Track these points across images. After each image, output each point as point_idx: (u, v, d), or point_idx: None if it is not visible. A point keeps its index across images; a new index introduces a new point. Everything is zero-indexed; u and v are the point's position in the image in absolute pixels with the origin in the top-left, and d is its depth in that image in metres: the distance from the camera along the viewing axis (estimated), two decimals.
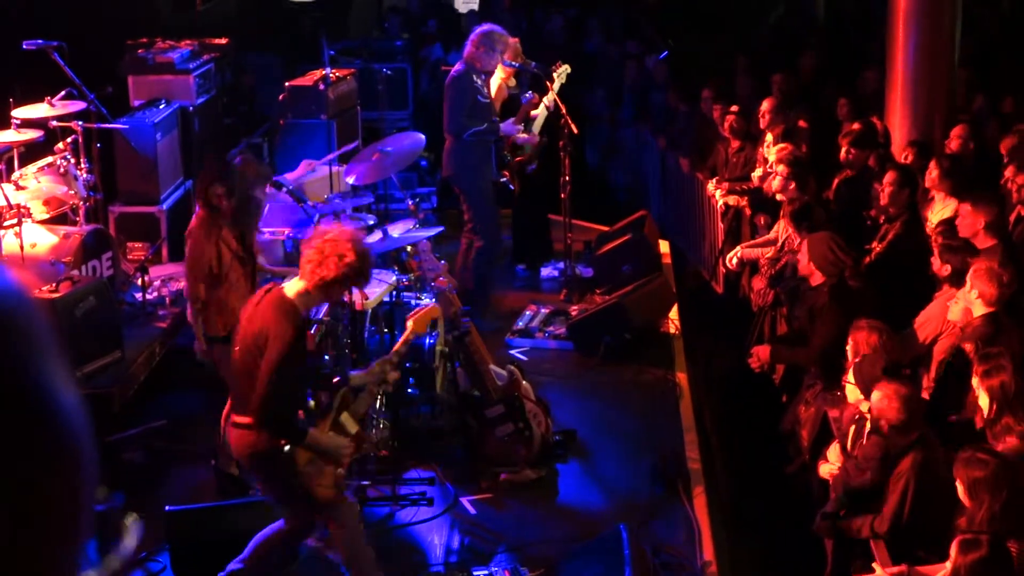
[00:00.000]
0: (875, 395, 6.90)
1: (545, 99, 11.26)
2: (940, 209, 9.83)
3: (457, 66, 10.95)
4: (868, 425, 7.17)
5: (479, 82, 10.80)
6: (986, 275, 7.84)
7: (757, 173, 11.76)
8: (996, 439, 6.87)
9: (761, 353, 9.25)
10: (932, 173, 9.97)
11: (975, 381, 7.10)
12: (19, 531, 0.98)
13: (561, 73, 11.47)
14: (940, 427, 7.35)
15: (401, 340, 7.01)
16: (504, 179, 11.35)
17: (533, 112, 11.40)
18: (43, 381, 1.04)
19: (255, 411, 6.23)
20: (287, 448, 6.30)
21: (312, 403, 6.78)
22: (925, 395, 7.82)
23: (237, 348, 6.44)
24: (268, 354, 6.18)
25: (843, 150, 11.02)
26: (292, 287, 6.33)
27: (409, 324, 7.08)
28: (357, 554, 6.66)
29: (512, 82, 11.68)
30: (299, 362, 6.36)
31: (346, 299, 7.61)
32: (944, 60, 11.72)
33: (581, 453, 8.70)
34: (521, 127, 11.25)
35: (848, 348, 7.84)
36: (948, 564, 5.95)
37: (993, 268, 7.91)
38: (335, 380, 6.79)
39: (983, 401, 7.00)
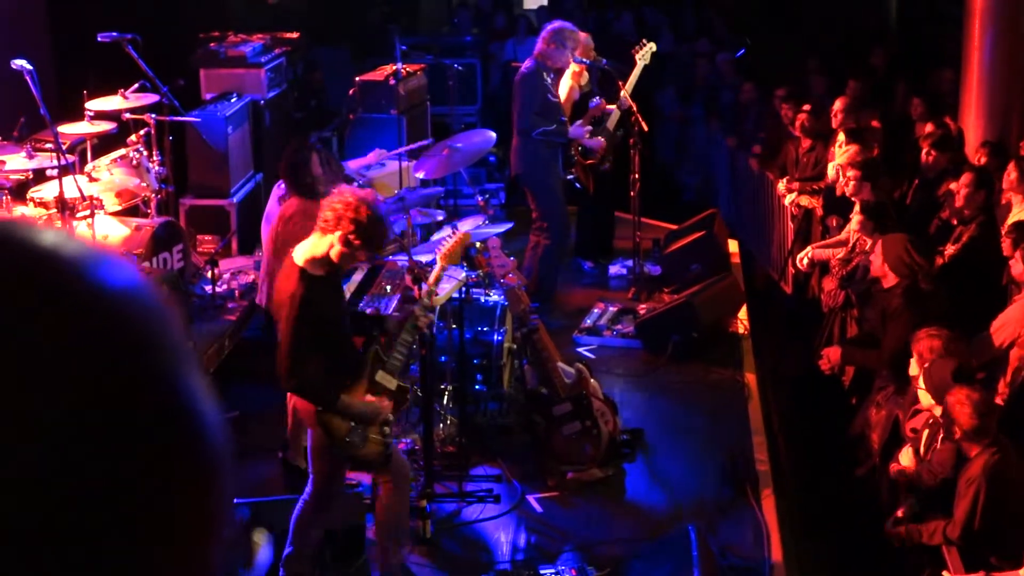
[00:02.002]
0: (948, 400, 6.82)
1: (620, 97, 11.17)
2: (1017, 212, 9.68)
3: (527, 63, 10.91)
4: (941, 429, 7.09)
5: (548, 80, 10.76)
6: None
7: (829, 172, 11.64)
8: None
9: (832, 355, 9.16)
10: (1011, 175, 9.80)
11: None
12: (164, 556, 0.95)
13: (645, 53, 11.36)
14: (1017, 432, 7.25)
15: (433, 276, 6.92)
16: (571, 176, 11.32)
17: (609, 106, 11.32)
18: (188, 395, 0.97)
19: (280, 377, 6.27)
20: (320, 413, 6.32)
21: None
22: (1000, 400, 7.71)
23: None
24: (283, 320, 6.23)
25: (923, 152, 10.88)
26: (300, 253, 6.32)
27: (439, 260, 6.98)
28: (391, 517, 6.67)
29: (584, 79, 11.60)
30: (319, 325, 6.28)
31: (415, 295, 7.59)
32: (1021, 60, 11.55)
33: (648, 452, 8.66)
34: (589, 128, 11.18)
35: (913, 359, 7.74)
36: (1023, 572, 5.88)
37: None
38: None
39: None
